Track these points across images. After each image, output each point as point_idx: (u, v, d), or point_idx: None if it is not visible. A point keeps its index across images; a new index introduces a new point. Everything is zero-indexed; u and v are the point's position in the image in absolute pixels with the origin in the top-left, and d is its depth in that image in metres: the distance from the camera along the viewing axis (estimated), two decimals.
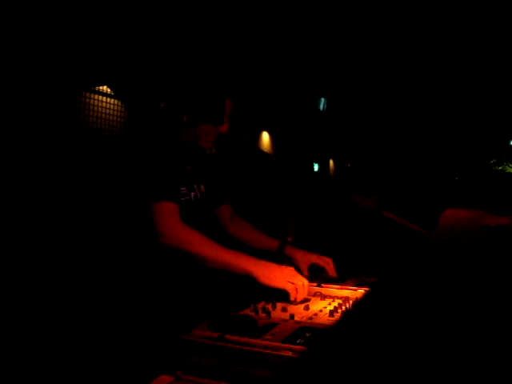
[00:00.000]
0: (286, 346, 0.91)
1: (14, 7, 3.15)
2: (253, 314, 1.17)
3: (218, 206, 1.81)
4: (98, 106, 4.28)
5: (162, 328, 1.03)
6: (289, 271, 1.37)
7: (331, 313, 1.17)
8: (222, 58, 4.06)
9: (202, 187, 1.68)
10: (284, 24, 4.36)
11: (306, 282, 1.35)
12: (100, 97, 4.32)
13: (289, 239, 1.86)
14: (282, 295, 1.32)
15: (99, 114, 4.29)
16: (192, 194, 1.60)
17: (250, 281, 1.34)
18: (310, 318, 1.14)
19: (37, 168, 3.38)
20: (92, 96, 4.22)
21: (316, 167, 9.81)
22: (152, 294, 1.47)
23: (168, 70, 3.90)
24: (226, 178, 2.03)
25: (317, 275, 1.72)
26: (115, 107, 4.47)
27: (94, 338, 1.34)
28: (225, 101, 1.58)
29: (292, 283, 1.32)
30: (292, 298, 1.31)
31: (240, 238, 1.82)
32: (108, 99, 4.40)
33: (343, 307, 1.24)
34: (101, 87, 4.31)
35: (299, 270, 1.72)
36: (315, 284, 1.50)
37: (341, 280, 1.62)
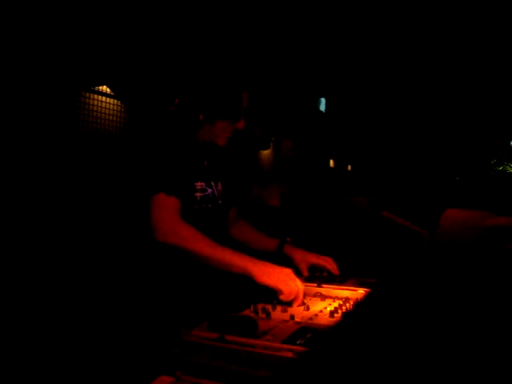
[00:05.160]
0: (286, 346, 0.91)
1: (13, 7, 3.15)
2: (253, 314, 1.17)
3: (231, 207, 1.80)
4: (97, 106, 4.28)
5: (162, 328, 1.03)
6: (287, 272, 1.35)
7: (331, 313, 1.17)
8: (231, 54, 4.06)
9: (219, 185, 1.67)
10: (285, 24, 4.36)
11: (301, 286, 1.33)
12: (100, 97, 4.31)
13: (288, 239, 1.85)
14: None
15: (99, 114, 4.29)
16: (210, 190, 1.59)
17: (250, 281, 1.34)
18: (311, 319, 1.14)
19: (36, 168, 3.38)
20: (92, 96, 4.22)
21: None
22: (152, 295, 1.46)
23: (171, 69, 3.90)
24: (240, 178, 2.04)
25: (317, 275, 1.72)
26: (115, 107, 4.47)
27: (93, 339, 1.34)
28: (241, 95, 1.56)
29: (289, 286, 1.31)
30: (285, 299, 1.29)
31: (241, 240, 1.82)
32: (108, 99, 4.39)
33: (343, 308, 1.24)
34: (101, 87, 4.31)
35: (298, 271, 1.72)
36: (315, 284, 1.50)
37: (341, 280, 1.61)
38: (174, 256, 1.44)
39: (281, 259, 1.74)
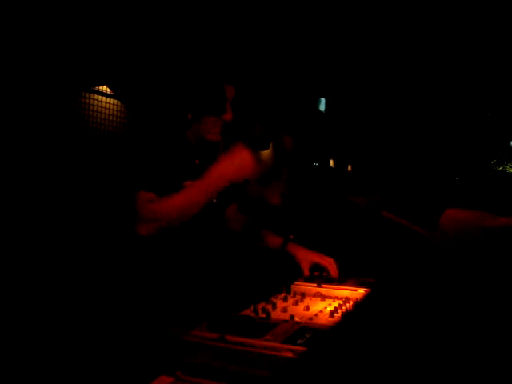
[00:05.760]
0: (286, 346, 0.91)
1: (13, 7, 3.15)
2: (253, 314, 1.17)
3: (229, 205, 1.80)
4: (97, 106, 4.28)
5: (162, 329, 1.03)
6: (241, 152, 1.40)
7: (331, 313, 1.17)
8: (220, 54, 4.06)
9: None
10: (286, 25, 4.36)
11: (252, 161, 1.39)
12: (100, 97, 4.32)
13: (291, 237, 1.86)
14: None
15: (99, 114, 4.29)
16: None
17: (250, 281, 1.34)
18: (310, 319, 1.14)
19: (37, 168, 3.38)
20: (92, 96, 4.22)
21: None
22: (152, 294, 1.47)
23: (167, 69, 3.90)
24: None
25: (318, 275, 1.72)
26: (115, 107, 4.47)
27: (93, 339, 1.34)
28: (223, 88, 1.57)
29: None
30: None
31: (244, 236, 1.82)
32: (108, 99, 4.40)
33: (343, 308, 1.24)
34: (101, 87, 4.31)
35: (300, 269, 1.73)
36: (315, 284, 1.50)
37: (341, 280, 1.61)
38: (173, 256, 1.44)
39: (284, 257, 1.74)
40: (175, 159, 1.52)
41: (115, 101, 4.47)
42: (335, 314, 1.17)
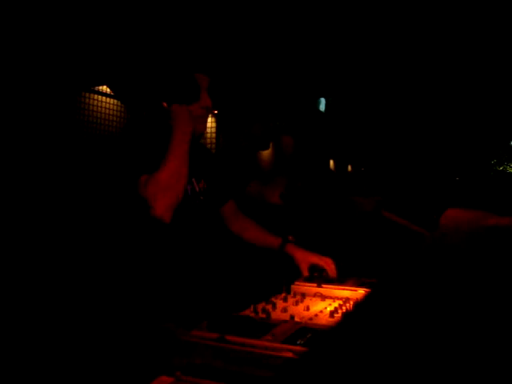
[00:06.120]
0: (286, 346, 0.91)
1: (14, 7, 3.15)
2: (253, 314, 1.17)
3: (222, 205, 1.79)
4: (97, 106, 4.28)
5: (162, 328, 1.03)
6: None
7: (331, 313, 1.17)
8: (219, 56, 4.07)
9: (202, 182, 1.66)
10: (284, 23, 4.36)
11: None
12: (100, 97, 4.32)
13: (290, 238, 1.86)
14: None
15: (99, 114, 4.29)
16: (189, 186, 1.59)
17: (250, 281, 1.34)
18: (311, 319, 1.14)
19: (37, 168, 3.38)
20: (92, 96, 4.22)
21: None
22: (152, 294, 1.47)
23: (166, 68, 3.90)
24: (230, 175, 2.04)
25: (317, 275, 1.72)
26: (115, 107, 4.48)
27: (93, 339, 1.34)
28: (194, 76, 1.58)
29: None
30: None
31: (242, 236, 1.82)
32: (108, 99, 4.40)
33: (343, 308, 1.24)
34: (100, 87, 4.31)
35: (299, 270, 1.73)
36: (315, 284, 1.50)
37: (341, 280, 1.61)
38: (174, 255, 1.44)
39: (284, 257, 1.74)
40: (156, 157, 1.52)
41: (115, 101, 4.47)
42: (335, 314, 1.17)
